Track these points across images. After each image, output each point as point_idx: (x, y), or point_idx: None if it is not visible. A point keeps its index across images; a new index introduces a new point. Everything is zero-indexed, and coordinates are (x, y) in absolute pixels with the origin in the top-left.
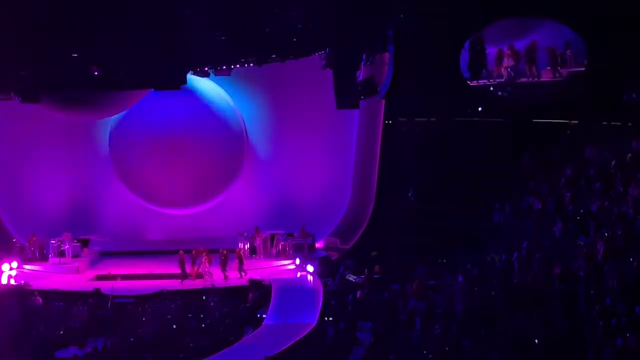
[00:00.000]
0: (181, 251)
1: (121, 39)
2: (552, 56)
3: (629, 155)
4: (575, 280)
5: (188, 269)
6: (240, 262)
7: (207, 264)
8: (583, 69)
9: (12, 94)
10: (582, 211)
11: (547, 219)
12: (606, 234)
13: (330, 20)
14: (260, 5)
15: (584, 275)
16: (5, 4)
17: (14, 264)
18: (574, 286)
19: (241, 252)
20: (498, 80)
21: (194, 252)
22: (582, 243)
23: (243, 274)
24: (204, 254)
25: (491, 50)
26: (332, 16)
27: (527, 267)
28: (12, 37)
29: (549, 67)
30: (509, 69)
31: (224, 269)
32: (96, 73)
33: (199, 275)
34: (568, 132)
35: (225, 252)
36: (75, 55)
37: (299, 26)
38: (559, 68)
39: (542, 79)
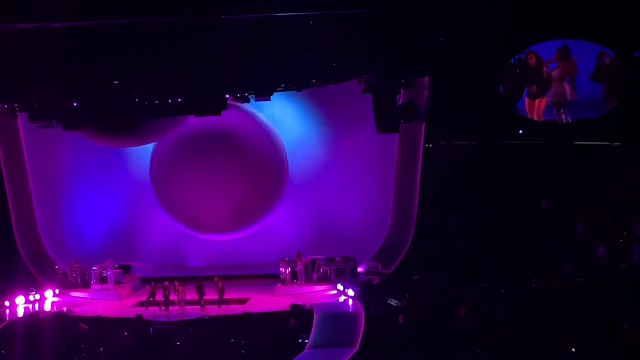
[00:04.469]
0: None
1: (162, 66)
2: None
3: None
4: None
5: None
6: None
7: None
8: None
9: (53, 121)
10: (625, 234)
11: (591, 242)
12: None
13: (370, 44)
14: (299, 31)
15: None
16: (48, 33)
17: (54, 292)
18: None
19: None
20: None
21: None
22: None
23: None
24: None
25: None
26: (371, 40)
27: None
28: (53, 66)
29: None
30: None
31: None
32: (137, 100)
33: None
34: (609, 154)
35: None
36: (116, 83)
37: (339, 51)
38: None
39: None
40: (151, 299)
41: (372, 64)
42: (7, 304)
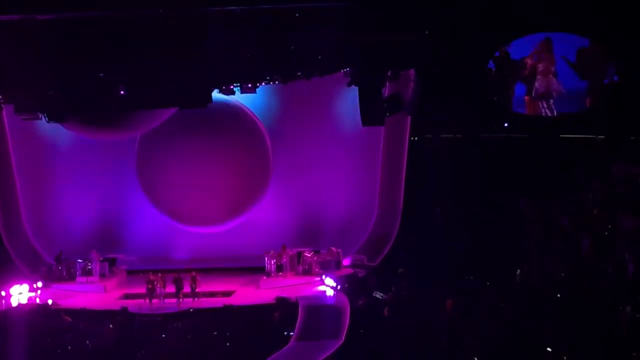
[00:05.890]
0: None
1: (147, 58)
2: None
3: None
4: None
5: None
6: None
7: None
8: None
9: (38, 113)
10: (610, 227)
11: (575, 235)
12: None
13: (356, 37)
14: (285, 23)
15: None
16: (33, 25)
17: (39, 284)
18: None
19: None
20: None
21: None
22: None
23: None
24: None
25: None
26: (357, 33)
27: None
28: (39, 57)
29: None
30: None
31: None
32: (122, 92)
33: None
34: (594, 147)
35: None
36: (101, 74)
37: (325, 44)
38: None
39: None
40: (149, 286)
41: (358, 57)
42: None
